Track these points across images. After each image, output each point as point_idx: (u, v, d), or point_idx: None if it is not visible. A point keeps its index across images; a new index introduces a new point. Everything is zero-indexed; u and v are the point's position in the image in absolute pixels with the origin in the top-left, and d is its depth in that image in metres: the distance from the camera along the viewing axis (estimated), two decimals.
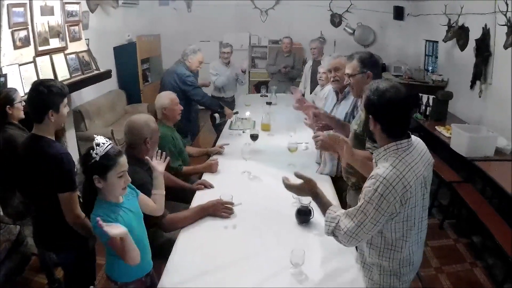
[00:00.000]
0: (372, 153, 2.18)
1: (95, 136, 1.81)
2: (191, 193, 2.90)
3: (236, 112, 4.60)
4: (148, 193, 2.20)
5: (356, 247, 2.01)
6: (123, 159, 1.83)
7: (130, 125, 2.40)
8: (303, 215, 2.37)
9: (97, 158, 1.75)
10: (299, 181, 1.96)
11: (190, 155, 3.58)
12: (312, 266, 1.98)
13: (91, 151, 1.75)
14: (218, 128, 4.75)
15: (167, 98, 3.23)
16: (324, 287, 1.88)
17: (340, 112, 3.02)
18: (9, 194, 2.90)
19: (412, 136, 1.75)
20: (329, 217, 1.78)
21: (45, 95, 2.07)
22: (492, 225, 3.31)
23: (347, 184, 2.67)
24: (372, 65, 2.39)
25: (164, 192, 2.25)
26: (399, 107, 1.65)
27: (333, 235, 1.76)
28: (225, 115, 4.51)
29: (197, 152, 3.74)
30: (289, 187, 2.01)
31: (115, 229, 1.65)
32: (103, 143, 1.78)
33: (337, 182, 2.97)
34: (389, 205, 1.58)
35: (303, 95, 5.27)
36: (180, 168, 3.16)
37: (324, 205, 1.87)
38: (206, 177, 3.11)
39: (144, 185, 2.21)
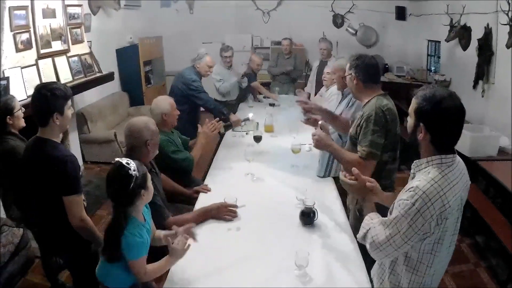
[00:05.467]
0: (360, 157, 2.28)
1: (116, 159, 1.81)
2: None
3: (247, 119, 4.29)
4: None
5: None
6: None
7: (130, 128, 2.37)
8: (307, 217, 2.36)
9: (138, 174, 1.77)
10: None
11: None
12: (316, 268, 1.97)
13: (129, 171, 1.74)
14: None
15: (167, 103, 3.09)
16: None
17: (338, 112, 3.09)
18: (11, 199, 2.91)
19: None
20: (364, 223, 1.74)
21: (48, 98, 2.05)
22: (495, 225, 3.31)
23: None
24: (356, 67, 2.40)
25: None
26: (456, 119, 1.50)
27: (365, 242, 1.70)
28: (231, 124, 4.23)
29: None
30: (344, 183, 1.91)
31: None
32: (128, 161, 1.79)
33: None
34: (425, 222, 1.46)
35: (309, 96, 5.30)
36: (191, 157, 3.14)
37: (367, 211, 1.83)
38: (209, 177, 3.12)
39: None
